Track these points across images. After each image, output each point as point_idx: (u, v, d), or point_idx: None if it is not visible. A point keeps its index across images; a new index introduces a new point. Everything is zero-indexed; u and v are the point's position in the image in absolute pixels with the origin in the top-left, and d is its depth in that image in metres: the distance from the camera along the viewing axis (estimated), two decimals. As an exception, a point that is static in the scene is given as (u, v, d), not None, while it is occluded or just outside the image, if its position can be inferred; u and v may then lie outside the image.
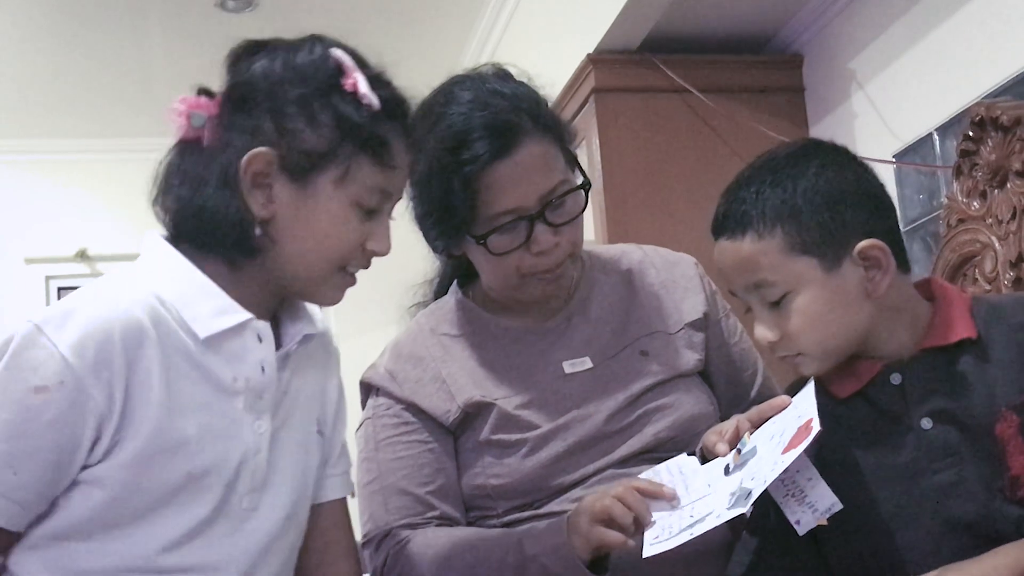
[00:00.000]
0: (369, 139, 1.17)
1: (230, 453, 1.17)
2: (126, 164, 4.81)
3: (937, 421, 1.18)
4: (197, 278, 1.18)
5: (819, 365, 1.25)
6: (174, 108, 1.18)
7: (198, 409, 1.15)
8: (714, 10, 2.83)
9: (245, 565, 1.18)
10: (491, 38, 4.03)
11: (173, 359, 1.14)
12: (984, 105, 2.15)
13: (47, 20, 3.98)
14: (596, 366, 1.46)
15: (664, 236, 2.73)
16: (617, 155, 2.87)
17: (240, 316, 1.17)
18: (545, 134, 1.40)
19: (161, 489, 1.12)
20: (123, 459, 1.10)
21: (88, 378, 1.07)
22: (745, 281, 1.25)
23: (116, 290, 1.15)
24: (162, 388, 1.12)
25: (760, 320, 1.26)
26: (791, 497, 1.22)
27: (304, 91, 1.16)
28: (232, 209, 1.16)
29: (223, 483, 1.16)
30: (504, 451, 1.42)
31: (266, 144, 1.15)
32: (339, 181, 1.17)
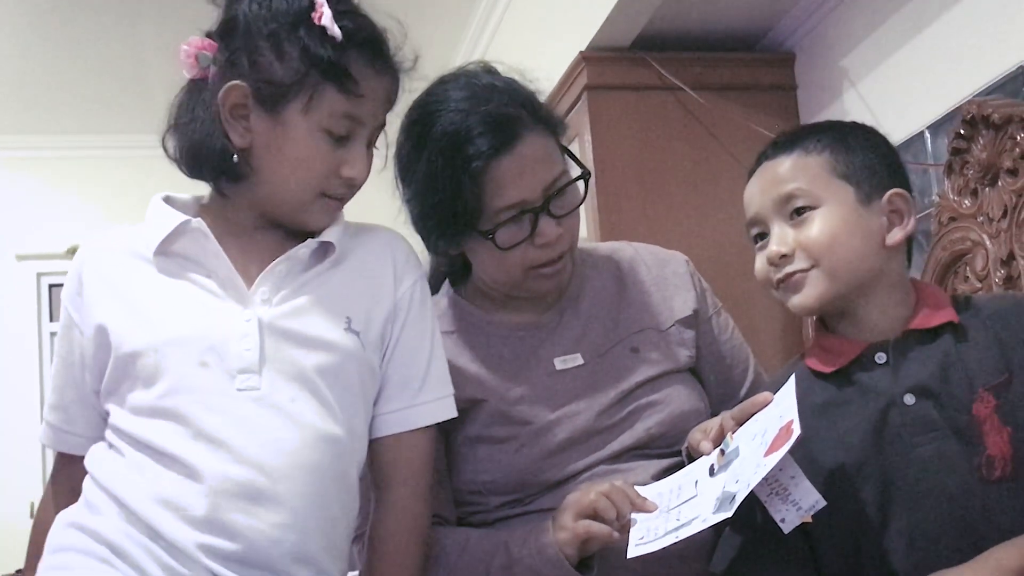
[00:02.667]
0: (331, 68, 1.24)
1: (203, 326, 1.25)
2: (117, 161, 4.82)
3: (919, 397, 1.23)
4: (155, 207, 1.32)
5: (822, 285, 1.28)
6: (183, 50, 1.30)
7: (169, 296, 1.27)
8: (706, 8, 2.83)
9: (262, 460, 1.20)
10: (483, 36, 4.03)
11: (138, 270, 1.29)
12: (976, 103, 2.16)
13: (39, 19, 3.97)
14: (587, 362, 1.47)
15: (657, 233, 2.73)
16: (609, 152, 2.87)
17: (176, 219, 1.28)
18: (542, 127, 1.41)
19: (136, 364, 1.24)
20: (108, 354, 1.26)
21: (68, 306, 1.32)
22: (776, 193, 1.30)
23: (85, 245, 1.35)
24: (129, 286, 1.28)
25: (774, 238, 1.31)
26: (775, 495, 1.23)
27: (275, 26, 1.25)
28: (215, 139, 1.27)
29: (198, 355, 1.23)
30: (495, 447, 1.42)
31: (241, 78, 1.25)
32: (305, 109, 1.24)
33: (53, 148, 4.97)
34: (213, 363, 1.23)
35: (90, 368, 1.29)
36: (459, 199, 1.36)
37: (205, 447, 1.19)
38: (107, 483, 1.23)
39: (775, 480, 1.22)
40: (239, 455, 1.19)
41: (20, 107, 4.66)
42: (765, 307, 2.85)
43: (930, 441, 1.21)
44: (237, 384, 1.22)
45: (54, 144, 4.96)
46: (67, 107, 4.71)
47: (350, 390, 1.28)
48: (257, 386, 1.23)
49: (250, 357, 1.23)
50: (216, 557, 1.17)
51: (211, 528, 1.17)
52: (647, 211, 2.86)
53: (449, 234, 1.43)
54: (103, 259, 1.32)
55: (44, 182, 4.96)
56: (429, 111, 1.39)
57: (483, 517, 1.44)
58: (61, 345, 1.33)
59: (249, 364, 1.23)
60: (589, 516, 1.27)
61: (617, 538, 1.25)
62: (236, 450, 1.19)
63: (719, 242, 2.88)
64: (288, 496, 1.20)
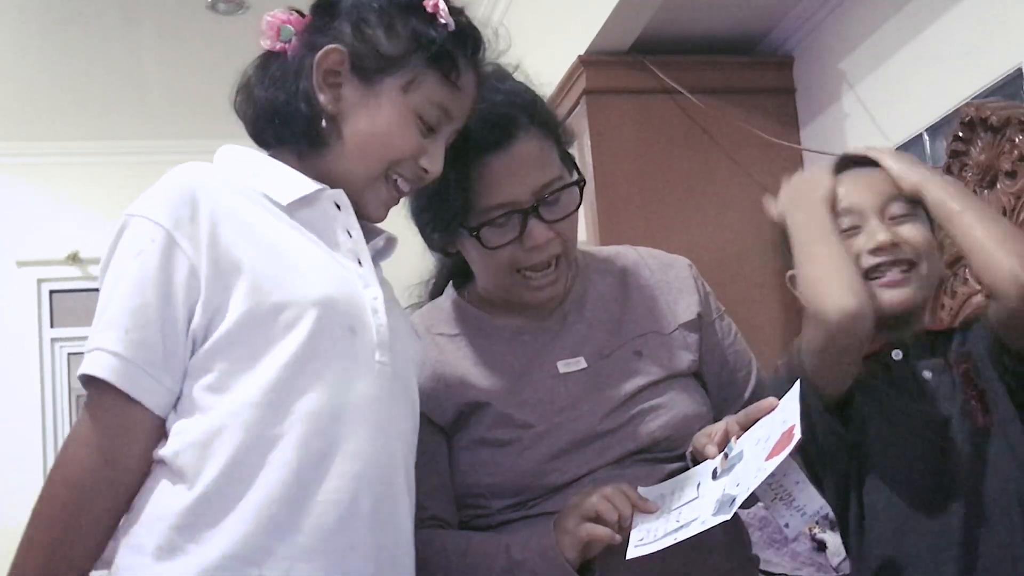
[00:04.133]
0: (439, 54, 1.25)
1: (348, 291, 1.20)
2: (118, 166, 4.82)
3: (935, 373, 1.36)
4: (269, 161, 1.27)
5: (919, 290, 1.37)
6: (266, 20, 1.29)
7: (309, 253, 1.20)
8: (705, 12, 2.83)
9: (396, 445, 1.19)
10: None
11: (266, 215, 1.20)
12: (974, 106, 2.16)
13: (39, 24, 3.97)
14: (590, 366, 1.47)
15: (656, 236, 2.74)
16: (608, 156, 2.88)
17: (313, 184, 1.24)
18: (541, 130, 1.42)
19: (280, 318, 1.14)
20: (236, 299, 1.14)
21: (175, 232, 1.14)
22: (884, 190, 1.38)
23: (190, 166, 1.22)
24: (263, 229, 1.18)
25: (876, 229, 1.36)
26: (779, 500, 1.23)
27: (387, 3, 1.26)
28: (302, 102, 1.25)
29: (347, 319, 1.17)
30: (498, 449, 1.42)
31: (341, 44, 1.25)
32: (405, 88, 1.25)
33: (53, 154, 4.97)
34: (360, 331, 1.19)
35: (205, 308, 1.14)
36: (449, 194, 1.38)
37: (353, 423, 1.15)
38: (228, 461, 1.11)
39: (779, 485, 1.22)
40: (378, 433, 1.17)
41: (20, 113, 4.67)
42: (765, 310, 2.86)
43: (949, 404, 1.33)
44: (377, 356, 1.19)
45: (54, 150, 4.96)
46: (67, 113, 4.71)
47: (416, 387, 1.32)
48: (389, 363, 1.21)
49: (384, 333, 1.21)
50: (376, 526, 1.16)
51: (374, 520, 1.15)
52: (646, 214, 2.86)
53: (441, 229, 1.44)
54: (223, 191, 1.19)
55: (44, 188, 4.96)
56: None
57: (486, 521, 1.44)
58: (153, 271, 1.13)
59: (383, 339, 1.20)
60: (591, 519, 1.27)
61: (619, 541, 1.25)
62: (377, 426, 1.17)
63: (718, 245, 2.88)
64: (404, 488, 1.21)
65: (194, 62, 4.18)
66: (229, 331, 1.13)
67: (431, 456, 1.43)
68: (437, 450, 1.45)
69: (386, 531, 1.18)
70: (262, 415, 1.12)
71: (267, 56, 1.30)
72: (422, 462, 1.41)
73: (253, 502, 1.10)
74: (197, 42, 4.08)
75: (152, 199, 1.18)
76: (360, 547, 1.14)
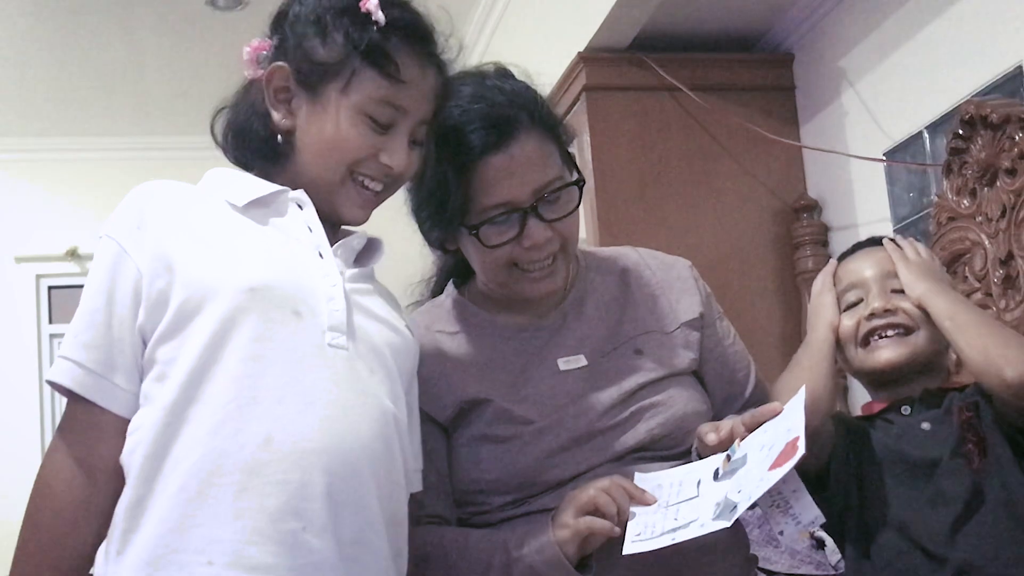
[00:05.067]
0: (372, 51, 1.26)
1: (292, 277, 1.21)
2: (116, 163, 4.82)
3: (934, 424, 1.46)
4: (241, 174, 1.32)
5: (910, 349, 1.49)
6: (246, 52, 1.33)
7: (254, 240, 1.23)
8: (705, 8, 2.83)
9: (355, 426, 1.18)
10: (481, 38, 4.03)
11: (214, 211, 1.25)
12: (974, 103, 2.16)
13: (37, 20, 3.97)
14: (590, 363, 1.47)
15: (655, 234, 2.74)
16: (608, 153, 2.88)
17: (273, 187, 1.28)
18: (542, 130, 1.42)
19: (208, 306, 1.16)
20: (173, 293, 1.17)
21: (124, 241, 1.21)
22: (887, 266, 1.54)
23: (148, 183, 1.27)
24: (207, 224, 1.22)
25: (879, 298, 1.52)
26: (776, 508, 1.23)
27: (321, 11, 1.29)
28: (257, 122, 1.31)
29: (290, 302, 1.19)
30: (498, 445, 1.42)
31: (286, 61, 1.29)
32: (344, 90, 1.27)
33: (52, 151, 4.96)
34: (307, 315, 1.19)
35: (147, 305, 1.18)
36: (448, 192, 1.38)
37: (299, 401, 1.15)
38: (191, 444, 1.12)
39: (777, 492, 1.22)
40: (333, 413, 1.16)
41: (19, 109, 4.66)
42: (764, 306, 2.86)
43: (943, 448, 1.42)
44: (328, 339, 1.20)
45: (53, 147, 4.95)
46: (66, 109, 4.71)
47: (404, 376, 1.31)
48: (345, 346, 1.21)
49: (339, 316, 1.22)
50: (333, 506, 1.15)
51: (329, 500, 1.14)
52: (645, 211, 2.86)
53: (440, 227, 1.45)
54: (172, 197, 1.26)
55: (43, 185, 4.96)
56: None
57: (485, 518, 1.44)
58: (103, 280, 1.20)
59: (338, 323, 1.21)
60: (590, 512, 1.27)
61: (618, 533, 1.25)
62: (330, 407, 1.16)
63: (717, 241, 2.88)
64: (369, 471, 1.19)
65: (193, 58, 4.17)
66: (168, 324, 1.17)
67: (429, 453, 1.43)
68: (436, 448, 1.45)
69: (347, 512, 1.16)
70: (184, 400, 1.14)
71: (248, 84, 1.35)
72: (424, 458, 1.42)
73: (183, 490, 1.11)
74: (196, 38, 4.07)
75: (113, 217, 1.25)
76: (314, 528, 1.13)
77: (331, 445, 1.15)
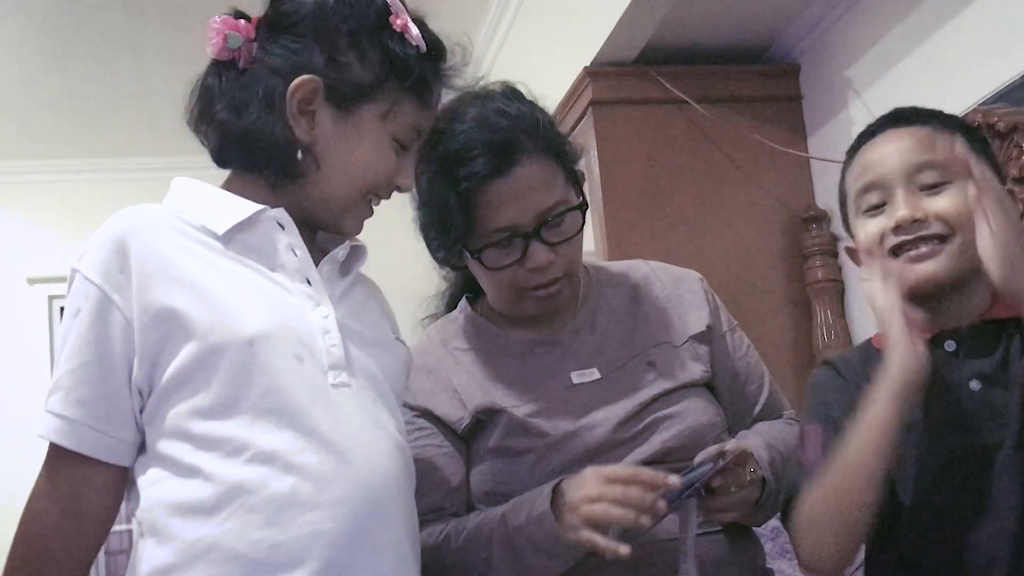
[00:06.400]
0: (415, 79, 1.24)
1: (287, 320, 1.17)
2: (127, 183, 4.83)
3: (984, 383, 1.21)
4: (213, 191, 1.24)
5: (951, 261, 1.22)
6: (211, 27, 1.24)
7: (243, 285, 1.17)
8: (710, 21, 2.83)
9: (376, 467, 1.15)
10: (488, 53, 4.04)
11: (197, 251, 1.18)
12: (981, 112, 2.16)
13: (47, 43, 4.00)
14: (604, 376, 1.48)
15: (664, 247, 2.74)
16: (616, 167, 2.88)
17: (253, 207, 1.21)
18: (545, 154, 1.42)
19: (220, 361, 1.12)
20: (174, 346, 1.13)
21: (105, 287, 1.14)
22: (911, 160, 1.25)
23: (125, 213, 1.21)
24: (194, 270, 1.16)
25: (904, 203, 1.24)
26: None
27: (355, 26, 1.22)
28: (277, 133, 1.21)
29: (290, 347, 1.15)
30: (513, 459, 1.43)
31: (314, 72, 1.21)
32: (383, 116, 1.24)
33: (64, 172, 4.99)
34: (307, 358, 1.15)
35: (142, 358, 1.13)
36: (451, 217, 1.39)
37: (323, 451, 1.12)
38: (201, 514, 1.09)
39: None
40: (356, 459, 1.13)
41: (31, 132, 4.69)
42: (773, 317, 2.85)
43: (995, 428, 1.19)
44: (331, 380, 1.16)
45: (65, 168, 4.98)
46: (76, 131, 4.73)
47: (398, 396, 1.30)
48: (348, 383, 1.18)
49: (337, 353, 1.18)
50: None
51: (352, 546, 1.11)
52: (654, 225, 2.86)
53: (445, 248, 1.45)
54: (154, 236, 1.18)
55: (55, 205, 4.97)
56: (439, 127, 1.41)
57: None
58: (91, 330, 1.14)
59: (338, 360, 1.18)
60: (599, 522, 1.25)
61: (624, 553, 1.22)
62: (353, 453, 1.13)
63: (726, 254, 2.88)
64: (393, 506, 1.17)
65: (202, 78, 4.19)
66: (175, 377, 1.13)
67: (452, 460, 1.44)
68: (457, 454, 1.46)
69: (383, 555, 1.14)
70: (223, 464, 1.10)
71: (217, 66, 1.27)
72: (440, 464, 1.42)
73: (229, 551, 1.08)
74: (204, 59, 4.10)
75: (87, 252, 1.18)
76: (354, 572, 1.11)
77: (356, 491, 1.13)
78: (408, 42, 1.23)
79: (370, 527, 1.13)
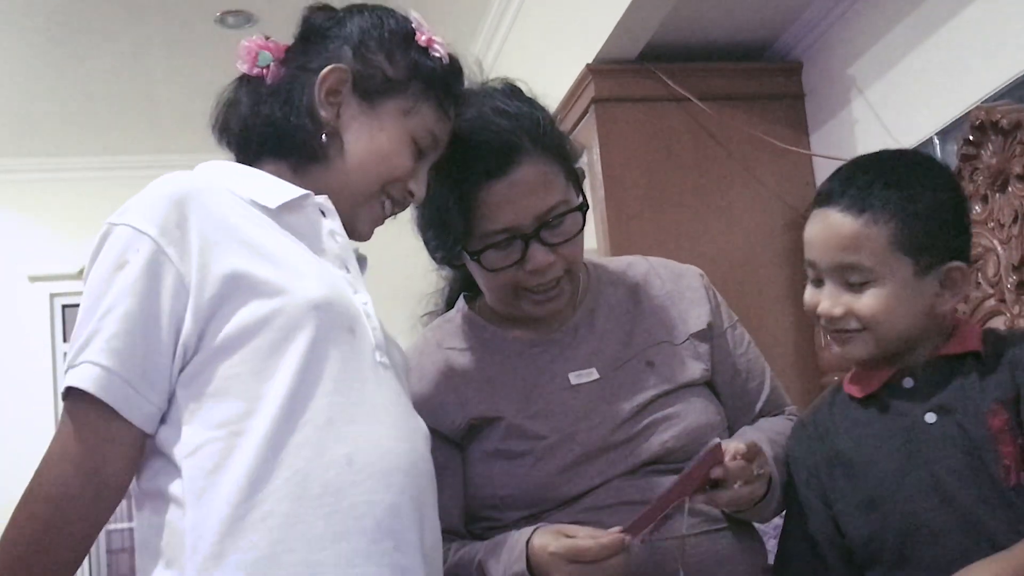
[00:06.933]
0: (437, 84, 1.32)
1: (341, 293, 1.18)
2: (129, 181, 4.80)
3: (939, 415, 1.28)
4: (254, 171, 1.27)
5: (870, 347, 1.32)
6: (244, 45, 1.30)
7: (299, 256, 1.18)
8: (713, 18, 2.83)
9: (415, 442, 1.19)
10: (490, 51, 4.04)
11: (253, 219, 1.19)
12: (984, 109, 2.16)
13: (48, 41, 4.00)
14: (602, 377, 1.47)
15: (666, 243, 2.74)
16: (618, 164, 2.88)
17: (299, 190, 1.24)
18: (545, 154, 1.41)
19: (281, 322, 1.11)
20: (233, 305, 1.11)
21: (160, 240, 1.11)
22: (837, 259, 1.31)
23: (177, 174, 1.19)
24: (255, 233, 1.16)
25: (828, 295, 1.33)
26: None
27: (384, 34, 1.31)
28: (306, 116, 1.26)
29: (346, 320, 1.16)
30: (511, 461, 1.42)
31: (344, 63, 1.28)
32: (406, 112, 1.30)
33: (64, 170, 4.99)
34: (359, 333, 1.18)
35: (197, 317, 1.10)
36: (450, 218, 1.39)
37: (374, 422, 1.14)
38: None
39: None
40: (402, 434, 1.16)
41: (31, 130, 4.69)
42: (776, 315, 2.85)
43: (951, 455, 1.25)
44: (377, 358, 1.19)
45: (65, 166, 4.99)
46: (78, 128, 4.74)
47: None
48: (389, 365, 1.21)
49: (379, 335, 1.21)
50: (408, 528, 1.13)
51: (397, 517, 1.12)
52: (656, 222, 2.86)
53: (444, 248, 1.46)
54: (212, 197, 1.16)
55: (56, 204, 4.98)
56: None
57: (499, 532, 1.43)
58: (139, 282, 1.09)
59: (380, 341, 1.21)
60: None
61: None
62: (399, 428, 1.16)
63: (728, 251, 2.88)
64: (428, 484, 1.20)
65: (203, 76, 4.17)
66: (230, 339, 1.10)
67: (442, 469, 1.43)
68: (448, 464, 1.45)
69: (426, 527, 1.17)
70: (279, 426, 1.08)
71: (243, 80, 1.32)
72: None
73: (270, 515, 1.06)
74: (206, 56, 4.09)
75: (137, 207, 1.14)
76: (404, 545, 1.12)
77: (404, 463, 1.15)
78: (433, 55, 1.32)
79: (419, 500, 1.16)
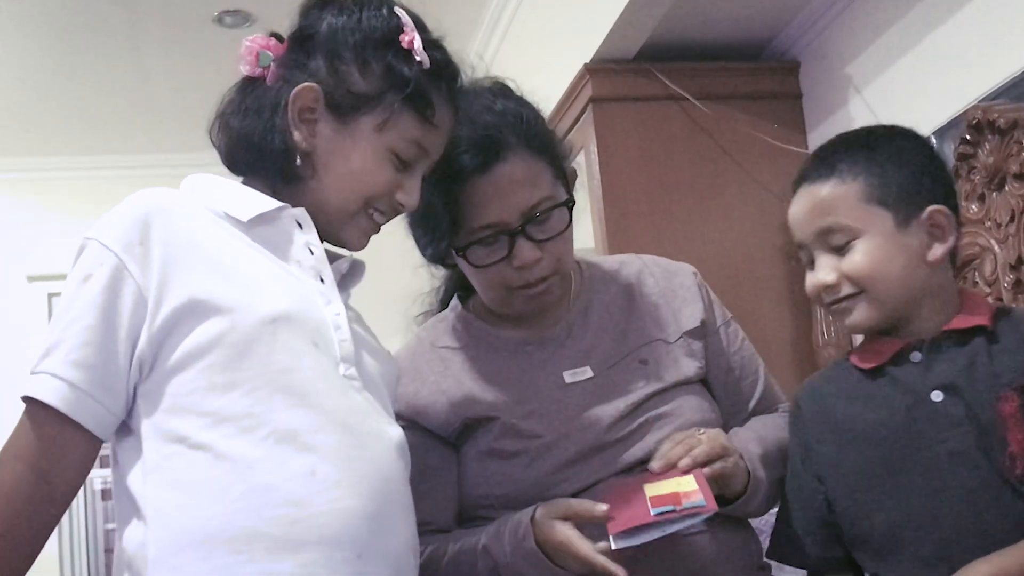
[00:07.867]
0: (414, 93, 1.24)
1: (306, 306, 1.18)
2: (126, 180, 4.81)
3: (946, 394, 1.25)
4: (234, 184, 1.27)
5: (872, 310, 1.31)
6: (245, 45, 1.27)
7: (264, 269, 1.19)
8: (710, 18, 2.83)
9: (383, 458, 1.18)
10: (488, 50, 4.04)
11: (220, 234, 1.20)
12: (981, 108, 2.16)
13: (46, 40, 4.00)
14: (597, 375, 1.47)
15: (664, 243, 2.74)
16: (615, 164, 2.88)
17: (275, 202, 1.23)
18: (531, 150, 1.41)
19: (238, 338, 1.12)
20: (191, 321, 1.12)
21: (123, 256, 1.13)
22: (816, 225, 1.32)
23: (149, 190, 1.21)
24: (217, 249, 1.17)
25: (820, 266, 1.34)
26: None
27: (361, 39, 1.25)
28: (276, 138, 1.24)
29: (308, 333, 1.16)
30: (506, 461, 1.42)
31: (316, 81, 1.24)
32: (379, 127, 1.24)
33: (62, 169, 4.99)
34: (322, 346, 1.17)
35: (152, 333, 1.12)
36: (436, 214, 1.39)
37: (339, 432, 1.13)
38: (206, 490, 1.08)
39: None
40: (369, 443, 1.16)
41: (29, 129, 4.69)
42: (773, 314, 2.86)
43: (954, 437, 1.23)
44: (342, 371, 1.18)
45: (63, 165, 4.98)
46: (74, 128, 4.73)
47: (392, 403, 1.30)
48: (357, 377, 1.20)
49: (348, 347, 1.20)
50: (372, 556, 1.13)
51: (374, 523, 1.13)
52: (654, 221, 2.86)
53: (432, 245, 1.45)
54: (178, 213, 1.18)
55: (54, 203, 4.98)
56: None
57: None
58: (99, 296, 1.12)
59: (348, 354, 1.20)
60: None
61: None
62: (366, 437, 1.16)
63: (726, 250, 2.88)
64: (398, 494, 1.18)
65: (201, 76, 4.18)
66: (191, 352, 1.12)
67: (436, 471, 1.44)
68: (442, 464, 1.45)
69: (397, 534, 1.17)
70: (237, 440, 1.10)
71: (246, 81, 1.30)
72: (428, 476, 1.41)
73: (228, 526, 1.08)
74: (204, 55, 4.09)
75: (107, 223, 1.17)
76: (369, 553, 1.12)
77: (371, 471, 1.15)
78: (413, 59, 1.25)
79: (387, 507, 1.16)
